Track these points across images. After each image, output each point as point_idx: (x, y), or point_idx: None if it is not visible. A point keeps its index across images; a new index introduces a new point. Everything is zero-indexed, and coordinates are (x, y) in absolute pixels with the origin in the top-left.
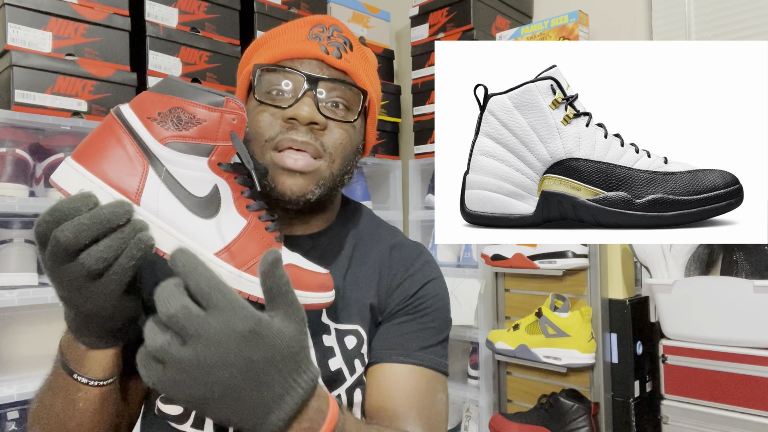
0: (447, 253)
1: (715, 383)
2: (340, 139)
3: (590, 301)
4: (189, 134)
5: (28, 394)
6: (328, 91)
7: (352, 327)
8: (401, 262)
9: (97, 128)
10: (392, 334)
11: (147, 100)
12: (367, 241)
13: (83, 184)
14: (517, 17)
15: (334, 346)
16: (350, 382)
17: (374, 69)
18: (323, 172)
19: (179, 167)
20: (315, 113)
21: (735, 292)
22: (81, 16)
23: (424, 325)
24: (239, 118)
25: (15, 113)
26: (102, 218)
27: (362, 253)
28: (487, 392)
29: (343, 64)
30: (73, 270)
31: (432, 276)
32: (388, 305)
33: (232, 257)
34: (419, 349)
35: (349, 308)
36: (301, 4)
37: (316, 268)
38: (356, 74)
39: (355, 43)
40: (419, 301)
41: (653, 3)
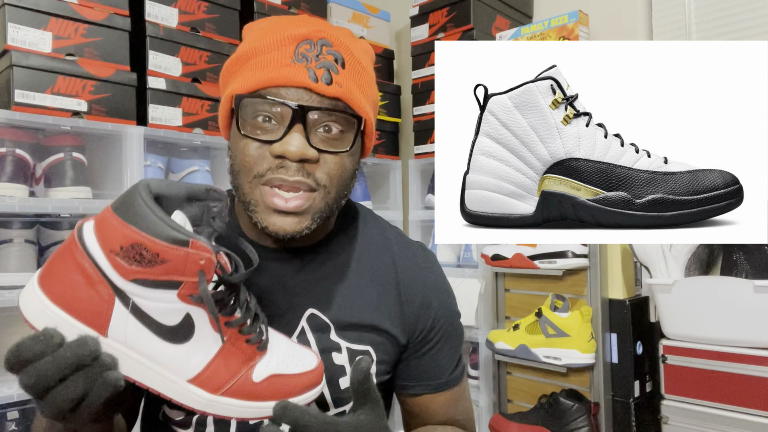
0: (447, 253)
1: (715, 383)
2: (335, 169)
3: (590, 301)
4: (153, 272)
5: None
6: (320, 119)
7: (363, 348)
8: (416, 282)
9: (61, 250)
10: (430, 366)
11: (109, 228)
12: (373, 250)
13: (48, 319)
14: (517, 17)
15: (345, 365)
16: None
17: (370, 75)
18: (318, 205)
19: (147, 300)
20: (305, 149)
21: (735, 292)
22: (81, 16)
23: (453, 346)
24: (207, 261)
25: (15, 113)
26: (66, 361)
27: (370, 266)
28: (487, 392)
29: (335, 91)
30: (44, 406)
31: (441, 288)
32: (415, 330)
33: (206, 382)
34: (453, 370)
35: (360, 328)
36: (301, 4)
37: (302, 364)
38: (350, 98)
39: (348, 56)
40: (440, 323)
41: (653, 3)
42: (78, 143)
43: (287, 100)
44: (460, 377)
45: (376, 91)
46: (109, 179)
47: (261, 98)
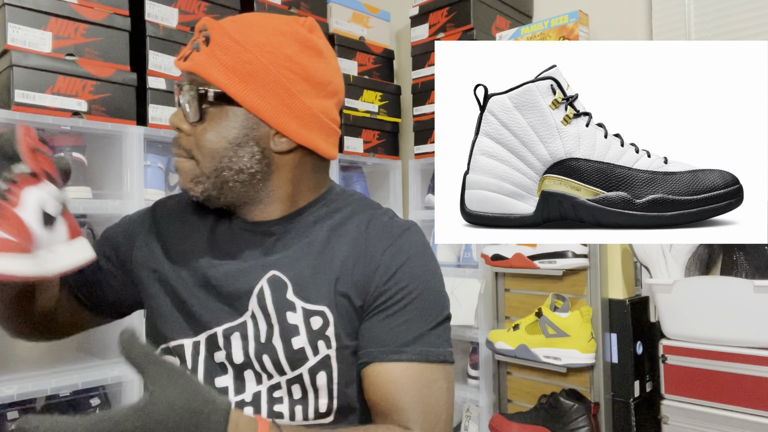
0: (447, 253)
1: (715, 383)
2: (197, 140)
3: (590, 301)
4: None
5: (28, 394)
6: (183, 93)
7: (319, 308)
8: (379, 240)
9: None
10: (381, 330)
11: None
12: (348, 223)
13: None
14: (517, 17)
15: (299, 324)
16: (313, 362)
17: (248, 50)
18: (193, 170)
19: None
20: (175, 121)
21: (735, 292)
22: (81, 16)
23: (410, 314)
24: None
25: (15, 113)
26: None
27: (340, 235)
28: (487, 392)
29: (187, 65)
30: None
31: (409, 253)
32: (369, 291)
33: None
34: (411, 342)
35: (318, 289)
36: (301, 3)
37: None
38: (200, 70)
39: (218, 35)
40: (399, 286)
41: (653, 3)
42: (78, 143)
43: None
44: (420, 357)
45: (266, 68)
46: (109, 179)
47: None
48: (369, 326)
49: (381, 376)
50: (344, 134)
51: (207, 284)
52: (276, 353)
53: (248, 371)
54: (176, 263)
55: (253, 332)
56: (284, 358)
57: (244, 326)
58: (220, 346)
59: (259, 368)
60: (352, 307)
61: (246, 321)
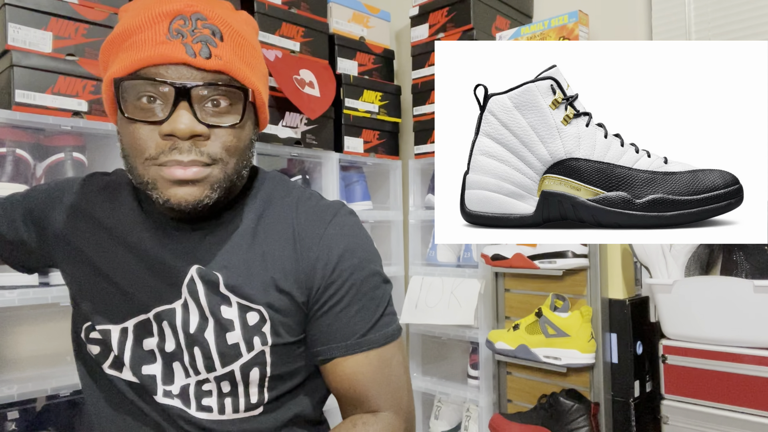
0: (447, 253)
1: (715, 383)
2: (229, 142)
3: (590, 301)
4: None
5: (28, 394)
6: (208, 94)
7: (255, 305)
8: (313, 229)
9: None
10: (338, 325)
11: None
12: (274, 209)
13: None
14: (517, 17)
15: (234, 320)
16: (246, 358)
17: (253, 46)
18: (217, 176)
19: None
20: (194, 125)
21: (735, 292)
22: (81, 16)
23: (361, 302)
24: None
25: (15, 113)
26: None
27: (268, 224)
28: (487, 392)
29: (215, 64)
30: None
31: (347, 239)
32: (312, 286)
33: None
34: (369, 331)
35: (253, 284)
36: (301, 3)
37: None
38: (232, 70)
39: (226, 28)
40: (343, 278)
41: (653, 3)
42: (78, 143)
43: (168, 79)
44: (379, 342)
45: (262, 62)
46: None
47: (141, 79)
48: (325, 322)
49: (346, 369)
50: (344, 134)
51: (140, 264)
52: (207, 347)
53: (176, 363)
54: (106, 243)
55: (182, 321)
56: (216, 353)
57: (173, 313)
58: (153, 332)
59: (189, 362)
60: (294, 303)
61: (175, 308)
